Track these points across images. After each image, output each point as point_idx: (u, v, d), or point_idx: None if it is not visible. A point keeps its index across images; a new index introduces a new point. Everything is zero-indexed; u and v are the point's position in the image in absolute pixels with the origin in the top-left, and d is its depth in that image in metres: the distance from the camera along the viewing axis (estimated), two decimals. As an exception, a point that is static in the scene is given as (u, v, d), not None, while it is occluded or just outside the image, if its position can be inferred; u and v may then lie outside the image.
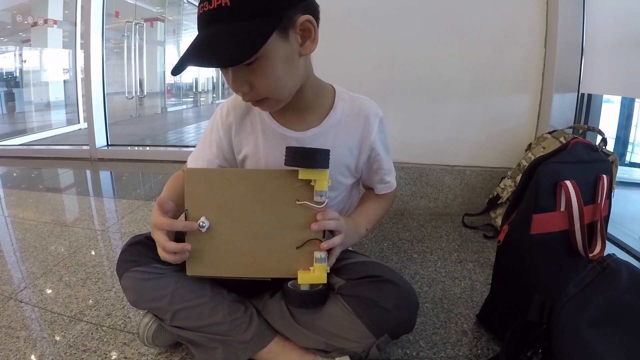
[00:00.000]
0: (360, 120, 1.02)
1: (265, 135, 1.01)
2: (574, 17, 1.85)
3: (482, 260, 1.58)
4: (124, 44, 6.45)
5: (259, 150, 1.02)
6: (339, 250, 0.93)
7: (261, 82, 0.82)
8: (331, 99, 1.02)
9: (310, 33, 0.84)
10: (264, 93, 0.84)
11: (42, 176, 3.24)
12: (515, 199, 1.03)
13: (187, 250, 0.86)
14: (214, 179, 0.89)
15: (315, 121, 1.00)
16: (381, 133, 1.05)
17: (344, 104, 1.02)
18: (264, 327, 0.98)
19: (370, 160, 1.07)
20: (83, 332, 1.16)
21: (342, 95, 1.03)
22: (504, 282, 1.09)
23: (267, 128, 1.00)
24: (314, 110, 1.00)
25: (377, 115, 1.03)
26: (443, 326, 1.18)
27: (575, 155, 1.00)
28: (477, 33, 1.94)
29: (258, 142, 1.02)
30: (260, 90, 0.83)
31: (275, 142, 1.00)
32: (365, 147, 1.04)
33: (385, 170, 1.10)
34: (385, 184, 1.13)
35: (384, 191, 1.14)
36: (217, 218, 0.88)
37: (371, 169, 1.10)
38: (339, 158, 1.00)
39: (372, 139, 1.03)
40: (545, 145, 1.72)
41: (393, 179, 1.14)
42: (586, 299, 0.81)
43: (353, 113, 1.02)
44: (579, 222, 0.96)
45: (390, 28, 1.97)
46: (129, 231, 1.91)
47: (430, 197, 2.08)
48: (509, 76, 1.97)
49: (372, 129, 1.03)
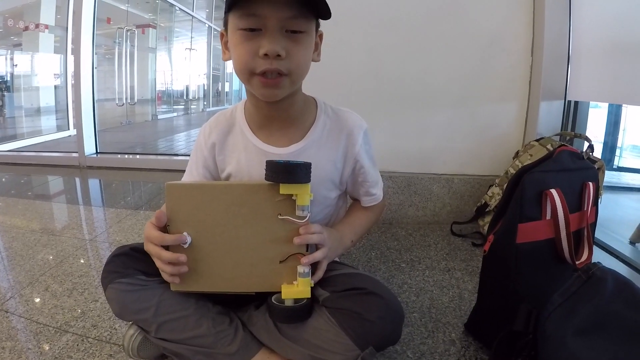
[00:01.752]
0: (343, 134, 1.02)
1: (247, 152, 1.01)
2: (560, 25, 1.87)
3: (470, 269, 1.58)
4: (115, 50, 6.43)
5: (241, 167, 1.02)
6: (324, 263, 0.94)
7: (297, 53, 0.85)
8: (314, 113, 1.03)
9: (318, 46, 0.95)
10: (293, 65, 0.86)
11: (30, 183, 3.21)
12: (501, 208, 1.03)
13: (182, 261, 0.85)
14: (194, 193, 0.89)
15: (298, 136, 1.00)
16: (366, 145, 1.05)
17: (327, 118, 1.02)
18: (249, 340, 0.97)
19: (355, 172, 1.07)
20: (69, 343, 1.15)
21: (325, 109, 1.04)
22: (490, 291, 1.09)
23: (249, 145, 1.01)
24: (297, 125, 1.00)
25: (361, 128, 1.04)
26: (431, 336, 1.17)
27: (560, 163, 1.00)
28: (464, 41, 1.95)
29: (240, 160, 1.02)
30: (292, 60, 0.85)
31: (257, 160, 1.00)
32: (350, 160, 1.04)
33: (371, 182, 1.10)
34: (370, 197, 1.13)
35: (370, 204, 1.14)
36: (199, 233, 0.88)
37: (356, 181, 1.09)
38: (322, 173, 1.01)
39: (356, 152, 1.03)
40: (532, 153, 1.73)
41: (379, 191, 1.14)
42: (572, 308, 0.81)
43: (336, 127, 1.02)
44: (565, 230, 0.96)
45: (377, 37, 1.98)
46: (116, 240, 1.89)
47: (418, 205, 2.09)
48: (496, 84, 1.98)
49: (355, 142, 1.03)
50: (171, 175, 3.08)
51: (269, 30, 0.82)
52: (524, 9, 1.91)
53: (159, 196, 2.66)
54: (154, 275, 0.96)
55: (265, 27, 0.82)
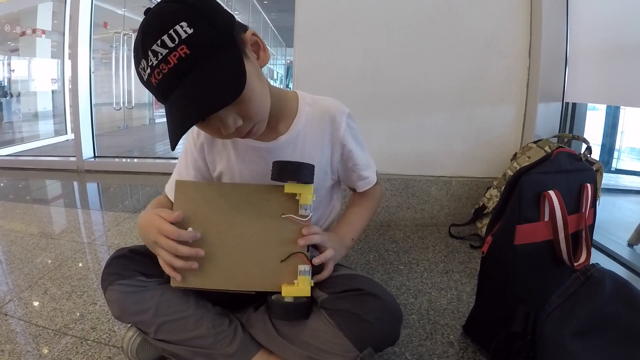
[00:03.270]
0: (326, 120, 1.03)
1: (236, 150, 1.02)
2: (557, 27, 1.88)
3: (468, 271, 1.58)
4: (112, 55, 6.43)
5: (232, 165, 1.03)
6: (331, 264, 0.96)
7: (250, 108, 0.82)
8: (295, 105, 1.03)
9: (258, 45, 0.87)
10: (255, 118, 0.84)
11: (28, 187, 3.21)
12: (499, 210, 1.03)
13: (200, 256, 0.86)
14: (202, 191, 0.92)
15: (283, 129, 1.00)
16: (350, 129, 1.06)
17: (308, 108, 1.03)
18: (248, 341, 0.97)
19: (344, 157, 1.08)
20: (68, 346, 1.15)
21: (305, 99, 1.04)
22: (488, 293, 1.09)
23: (237, 142, 1.01)
24: (280, 118, 1.00)
25: (343, 113, 1.04)
26: (429, 337, 1.18)
27: (558, 165, 1.01)
28: (461, 44, 1.96)
29: (230, 158, 1.02)
30: (252, 116, 0.83)
31: (247, 156, 1.01)
32: (336, 145, 1.05)
33: (361, 165, 1.10)
34: (364, 180, 1.12)
35: (365, 187, 1.14)
36: (204, 230, 0.89)
37: (346, 166, 1.10)
38: (312, 161, 0.99)
39: (341, 136, 1.04)
40: (530, 155, 1.73)
41: (372, 174, 1.14)
42: (570, 310, 0.81)
43: (318, 114, 1.03)
44: (564, 232, 0.97)
45: (374, 40, 1.99)
46: (114, 244, 1.89)
47: (416, 208, 2.09)
48: (494, 86, 1.99)
49: (339, 127, 1.03)
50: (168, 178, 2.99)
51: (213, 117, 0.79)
52: (521, 11, 1.92)
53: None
54: (153, 277, 0.96)
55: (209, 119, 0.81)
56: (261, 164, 0.99)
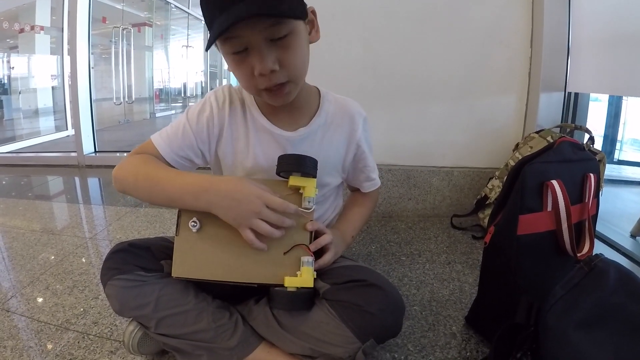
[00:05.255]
0: (346, 119, 1.06)
1: (256, 131, 1.01)
2: (559, 16, 1.86)
3: (470, 262, 1.58)
4: (111, 50, 6.42)
5: (249, 146, 1.02)
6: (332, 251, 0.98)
7: (290, 59, 0.84)
8: (317, 100, 1.05)
9: (314, 24, 0.92)
10: (291, 72, 0.86)
11: (30, 184, 3.20)
12: (501, 200, 1.02)
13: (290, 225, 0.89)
14: None
15: (304, 121, 1.02)
16: (365, 132, 1.09)
17: (330, 105, 1.05)
18: (249, 334, 0.97)
19: (356, 158, 1.11)
20: (70, 341, 1.15)
21: (327, 97, 1.06)
22: (491, 284, 1.08)
23: (258, 125, 1.01)
24: (303, 110, 1.02)
25: (361, 115, 1.08)
26: (431, 329, 1.17)
27: (561, 154, 0.99)
28: (462, 34, 1.94)
29: (249, 139, 1.02)
30: (287, 67, 0.85)
31: (265, 140, 1.01)
32: (352, 145, 1.08)
33: (371, 167, 1.15)
34: (371, 182, 1.17)
35: (371, 189, 1.18)
36: (208, 220, 0.90)
37: (357, 167, 1.13)
38: (326, 158, 1.03)
39: (357, 137, 1.07)
40: (532, 145, 1.72)
41: (377, 177, 1.19)
42: (574, 301, 0.80)
43: (339, 113, 1.06)
44: (567, 222, 0.96)
45: (374, 30, 1.97)
46: (116, 238, 1.89)
47: (418, 198, 2.08)
48: (495, 76, 1.97)
49: (357, 128, 1.07)
50: None
51: (254, 47, 0.82)
52: (523, 0, 1.89)
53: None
54: (152, 271, 0.96)
55: (250, 45, 0.82)
56: (277, 151, 0.99)
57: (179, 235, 0.91)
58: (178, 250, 0.91)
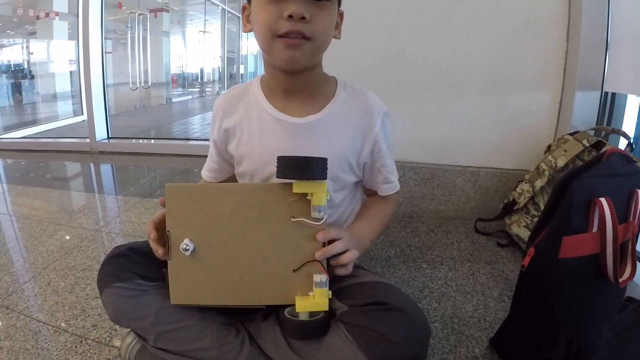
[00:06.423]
0: (363, 112, 1.00)
1: (260, 121, 0.98)
2: (598, 9, 1.73)
3: (495, 272, 1.47)
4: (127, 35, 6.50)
5: (253, 138, 0.98)
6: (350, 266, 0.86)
7: (320, 18, 0.85)
8: (333, 89, 1.01)
9: (339, 25, 0.96)
10: (317, 30, 0.85)
11: (41, 170, 3.22)
12: (544, 217, 0.90)
13: None
14: (197, 196, 0.82)
15: (315, 109, 0.98)
16: (385, 128, 1.02)
17: (346, 95, 1.01)
18: (256, 354, 0.89)
19: (373, 156, 1.03)
20: (67, 344, 1.12)
21: (345, 87, 1.03)
22: (525, 308, 0.97)
23: (263, 114, 0.98)
24: (315, 97, 0.99)
25: (381, 109, 1.01)
26: (452, 350, 1.08)
27: (611, 167, 0.88)
28: (494, 24, 1.83)
29: (252, 130, 0.98)
30: (316, 24, 0.84)
31: (271, 129, 0.97)
32: (368, 140, 1.00)
33: (389, 168, 1.06)
34: (389, 184, 1.08)
35: (389, 192, 1.09)
36: (203, 240, 0.81)
37: (374, 166, 1.05)
38: (338, 149, 0.97)
39: (375, 132, 1.00)
40: (566, 148, 1.60)
41: (397, 181, 1.10)
42: (624, 345, 0.70)
43: (356, 105, 1.01)
44: (612, 245, 0.84)
45: (398, 17, 1.87)
46: (123, 230, 1.86)
47: (441, 199, 1.98)
48: (528, 71, 1.85)
49: (375, 122, 1.00)
50: (184, 160, 3.07)
51: None
52: (560, -9, 1.77)
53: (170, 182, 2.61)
54: (153, 280, 0.91)
55: None
56: (286, 140, 0.96)
57: (171, 259, 0.82)
58: (173, 274, 0.84)
